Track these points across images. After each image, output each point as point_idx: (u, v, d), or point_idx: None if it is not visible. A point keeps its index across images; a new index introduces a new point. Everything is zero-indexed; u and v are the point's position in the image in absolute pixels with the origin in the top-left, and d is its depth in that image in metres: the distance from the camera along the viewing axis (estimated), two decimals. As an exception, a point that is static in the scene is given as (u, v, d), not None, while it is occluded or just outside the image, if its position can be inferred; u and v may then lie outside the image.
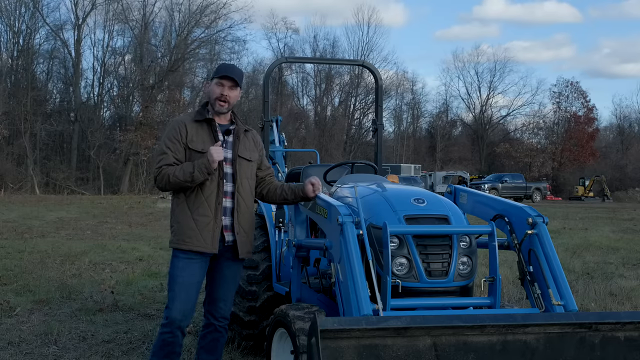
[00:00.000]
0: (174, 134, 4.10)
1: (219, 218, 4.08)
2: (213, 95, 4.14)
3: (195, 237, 4.03)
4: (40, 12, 45.22)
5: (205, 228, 4.04)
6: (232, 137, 4.20)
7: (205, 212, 4.05)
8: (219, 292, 4.23)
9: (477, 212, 4.42)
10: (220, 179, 4.09)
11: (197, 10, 47.86)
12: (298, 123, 52.22)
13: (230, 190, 4.14)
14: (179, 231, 4.08)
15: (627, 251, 13.02)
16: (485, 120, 62.69)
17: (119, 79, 48.21)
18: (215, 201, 4.07)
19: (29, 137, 42.08)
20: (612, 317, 3.26)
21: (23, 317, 6.72)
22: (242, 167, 4.17)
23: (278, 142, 7.54)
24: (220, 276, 4.23)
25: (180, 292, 4.04)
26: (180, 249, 4.07)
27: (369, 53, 56.05)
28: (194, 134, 4.11)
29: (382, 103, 6.28)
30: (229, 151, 4.16)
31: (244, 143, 4.22)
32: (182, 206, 4.10)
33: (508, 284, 7.90)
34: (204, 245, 4.04)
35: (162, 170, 4.05)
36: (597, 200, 46.70)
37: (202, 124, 4.16)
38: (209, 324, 4.27)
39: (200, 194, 4.06)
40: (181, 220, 4.08)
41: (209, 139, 4.11)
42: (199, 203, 4.05)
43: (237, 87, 4.17)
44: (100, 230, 16.14)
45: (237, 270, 4.29)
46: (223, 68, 4.23)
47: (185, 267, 4.06)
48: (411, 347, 2.97)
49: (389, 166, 37.52)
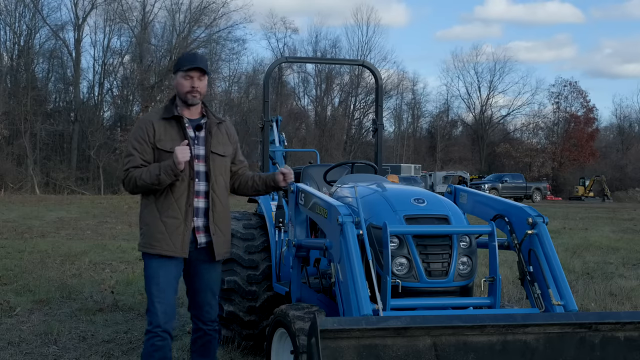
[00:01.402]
0: (140, 134, 3.91)
1: (190, 220, 3.91)
2: (183, 90, 3.93)
3: (164, 240, 3.87)
4: (40, 12, 45.27)
5: (175, 231, 3.88)
6: (203, 132, 3.99)
7: (175, 214, 3.88)
8: (202, 297, 4.08)
9: (477, 212, 4.42)
10: (190, 179, 3.90)
11: (197, 10, 47.94)
12: (298, 123, 52.19)
13: (204, 190, 3.96)
14: (148, 234, 3.93)
15: (627, 251, 13.02)
16: (486, 120, 62.70)
17: (118, 79, 48.26)
18: (185, 203, 3.89)
19: (29, 137, 42.07)
20: (612, 317, 3.26)
21: (23, 317, 6.72)
22: (215, 163, 3.99)
23: (278, 142, 7.53)
24: (200, 280, 4.07)
25: (158, 294, 3.91)
26: (149, 253, 3.94)
27: (368, 53, 56.14)
28: (162, 133, 3.91)
29: (382, 103, 6.28)
30: (201, 147, 3.97)
31: (217, 137, 4.03)
32: (150, 208, 3.94)
33: (508, 284, 7.90)
34: (173, 249, 3.88)
35: (129, 173, 3.88)
36: (597, 200, 46.70)
37: (171, 121, 3.95)
38: (197, 329, 4.15)
39: (170, 195, 3.89)
40: (150, 223, 3.93)
41: (178, 137, 3.91)
42: (168, 205, 3.88)
43: (205, 76, 3.97)
44: (100, 230, 16.14)
45: (216, 271, 4.13)
46: (187, 60, 3.97)
47: (158, 269, 3.92)
48: (411, 347, 2.97)
49: (389, 166, 37.49)
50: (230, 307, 5.26)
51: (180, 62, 3.98)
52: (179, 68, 3.94)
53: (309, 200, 4.30)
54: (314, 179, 5.69)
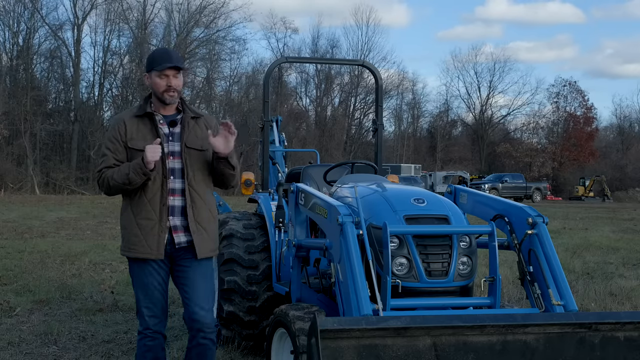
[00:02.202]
0: (113, 134, 3.81)
1: (165, 220, 3.76)
2: (159, 89, 3.77)
3: (139, 243, 3.76)
4: (39, 12, 45.23)
5: (149, 233, 3.75)
6: (178, 127, 3.84)
7: (149, 215, 3.75)
8: (193, 299, 3.84)
9: (477, 212, 4.42)
10: (164, 177, 3.75)
11: (196, 10, 47.95)
12: (298, 123, 52.17)
13: (180, 187, 3.79)
14: (126, 238, 3.84)
15: (627, 251, 13.02)
16: (486, 120, 62.69)
17: (118, 79, 48.25)
18: (159, 202, 3.75)
19: (29, 137, 42.06)
20: (612, 317, 3.26)
21: (23, 317, 6.72)
22: (192, 158, 3.82)
23: (278, 142, 7.54)
24: (187, 281, 3.85)
25: (144, 298, 3.85)
26: (129, 257, 3.86)
27: (368, 53, 56.12)
28: (134, 131, 3.78)
29: (382, 103, 6.28)
30: (176, 144, 3.81)
31: (194, 131, 3.85)
32: (127, 210, 3.84)
33: (508, 284, 7.90)
34: (149, 251, 3.76)
35: (102, 173, 3.79)
36: (597, 200, 46.71)
37: (143, 119, 3.81)
38: (191, 337, 3.91)
39: (143, 195, 3.76)
40: (126, 226, 3.83)
41: (150, 135, 3.77)
42: (142, 206, 3.76)
43: (180, 73, 3.82)
44: (100, 230, 16.13)
45: (204, 270, 3.87)
46: (160, 58, 3.80)
47: (140, 272, 3.83)
48: (411, 347, 2.97)
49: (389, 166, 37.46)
50: (230, 307, 5.26)
51: (153, 60, 3.81)
52: (153, 67, 3.78)
53: (309, 200, 4.30)
54: (314, 179, 5.69)
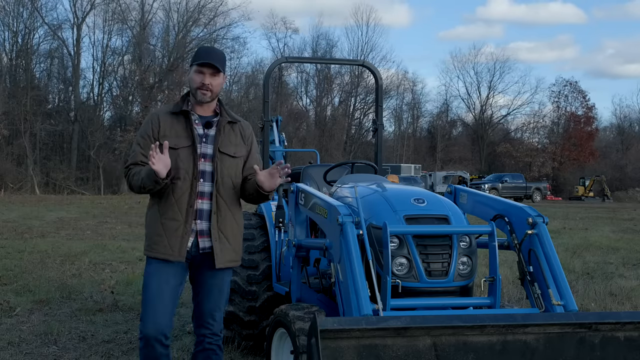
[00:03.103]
0: (145, 129, 3.72)
1: (190, 222, 3.65)
2: (194, 85, 3.71)
3: (161, 243, 3.65)
4: (38, 12, 45.27)
5: (173, 234, 3.64)
6: (213, 129, 3.75)
7: (175, 215, 3.65)
8: (205, 306, 3.79)
9: (477, 212, 4.42)
10: (194, 179, 3.65)
11: (195, 9, 47.96)
12: (298, 123, 52.18)
13: (208, 191, 3.69)
14: (149, 237, 3.73)
15: (627, 251, 13.02)
16: (486, 120, 62.69)
17: (118, 79, 48.27)
18: (187, 203, 3.64)
19: (29, 137, 42.08)
20: (612, 317, 3.26)
21: (23, 317, 6.72)
22: (224, 164, 3.71)
23: (278, 142, 7.55)
24: (204, 287, 3.79)
25: (152, 303, 3.66)
26: (149, 257, 3.73)
27: (368, 53, 56.14)
28: (167, 128, 3.69)
29: (382, 103, 6.28)
30: (209, 146, 3.71)
31: (229, 136, 3.76)
32: (153, 209, 3.73)
33: (508, 284, 7.90)
34: (170, 252, 3.64)
35: (129, 170, 3.70)
36: (597, 200, 46.70)
37: (179, 116, 3.73)
38: (198, 342, 3.85)
39: (170, 195, 3.65)
40: (151, 224, 3.73)
41: (184, 133, 3.69)
42: (168, 206, 3.65)
43: (219, 74, 3.73)
44: (100, 230, 16.13)
45: (220, 280, 3.79)
46: (202, 53, 3.75)
47: (156, 274, 3.68)
48: (411, 347, 2.96)
49: (389, 166, 37.49)
50: (230, 307, 5.26)
51: (196, 54, 3.76)
52: (194, 61, 3.73)
53: (309, 200, 4.30)
54: (314, 179, 5.69)
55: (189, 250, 3.69)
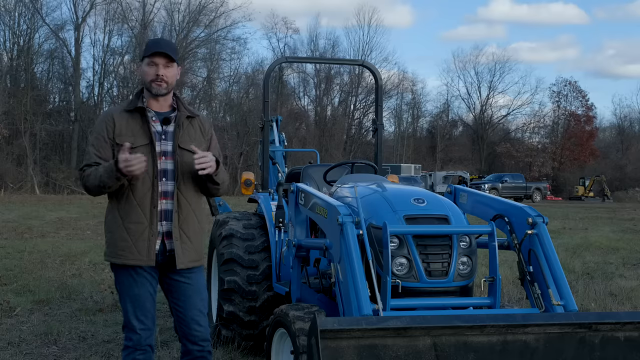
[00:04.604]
0: (99, 130, 3.55)
1: (155, 224, 3.51)
2: (147, 78, 3.53)
3: (128, 249, 3.49)
4: (39, 12, 45.24)
5: (139, 237, 3.48)
6: (172, 125, 3.59)
7: (139, 218, 3.49)
8: (187, 312, 3.63)
9: (477, 212, 4.42)
10: (155, 178, 3.50)
11: (196, 9, 47.94)
12: (298, 123, 52.17)
13: (171, 190, 3.54)
14: (112, 242, 3.56)
15: (627, 251, 13.02)
16: (486, 120, 62.69)
17: (118, 79, 48.23)
18: (150, 204, 3.50)
19: (29, 137, 42.06)
20: (612, 317, 3.26)
21: (23, 317, 6.72)
22: (184, 160, 3.54)
23: (278, 142, 7.55)
24: (180, 293, 3.63)
25: (136, 309, 3.56)
26: (115, 264, 3.58)
27: (369, 53, 56.12)
28: (123, 127, 3.52)
29: (382, 103, 6.29)
30: (169, 143, 3.56)
31: (188, 132, 3.61)
32: (113, 213, 3.56)
33: (508, 284, 7.90)
34: (139, 257, 3.49)
35: (84, 171, 3.53)
36: (597, 200, 46.71)
37: (134, 114, 3.55)
38: (186, 351, 3.68)
39: (131, 197, 3.49)
40: (113, 230, 3.55)
41: (141, 131, 3.52)
42: (130, 208, 3.49)
43: (172, 64, 3.56)
44: (100, 230, 16.07)
45: (197, 282, 3.65)
46: (152, 44, 3.57)
47: (129, 281, 3.56)
48: (411, 347, 2.96)
49: (389, 166, 37.45)
50: (230, 307, 5.26)
51: (146, 47, 3.59)
52: (144, 54, 3.56)
53: (309, 200, 4.30)
54: (314, 179, 5.69)
55: (157, 254, 3.55)
